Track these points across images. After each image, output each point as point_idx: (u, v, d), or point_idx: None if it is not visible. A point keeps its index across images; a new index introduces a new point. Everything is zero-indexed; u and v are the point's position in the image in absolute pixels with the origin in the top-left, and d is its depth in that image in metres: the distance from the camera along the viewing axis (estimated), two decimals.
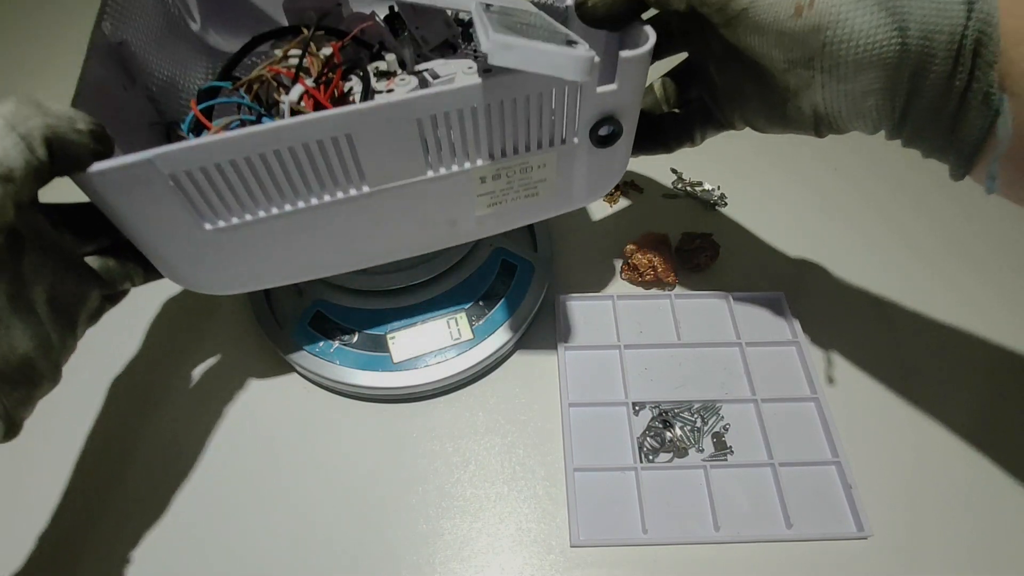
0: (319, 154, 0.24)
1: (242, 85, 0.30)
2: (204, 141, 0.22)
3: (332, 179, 0.25)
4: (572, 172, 0.29)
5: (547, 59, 0.19)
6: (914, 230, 0.47)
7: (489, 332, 0.38)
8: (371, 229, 0.28)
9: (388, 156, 0.25)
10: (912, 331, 0.41)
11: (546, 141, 0.27)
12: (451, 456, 0.36)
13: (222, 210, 0.24)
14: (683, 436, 0.36)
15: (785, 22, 0.24)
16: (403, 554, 0.33)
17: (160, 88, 0.33)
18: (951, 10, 0.22)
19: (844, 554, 0.33)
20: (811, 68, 0.25)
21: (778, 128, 0.30)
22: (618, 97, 0.25)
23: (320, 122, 0.23)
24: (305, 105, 0.28)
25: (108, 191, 0.23)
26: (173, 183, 0.23)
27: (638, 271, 0.42)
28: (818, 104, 0.27)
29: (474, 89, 0.23)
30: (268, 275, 0.30)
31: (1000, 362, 0.40)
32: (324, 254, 0.29)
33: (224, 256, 0.27)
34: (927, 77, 0.23)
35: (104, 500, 0.35)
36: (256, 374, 0.39)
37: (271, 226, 0.26)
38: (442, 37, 0.36)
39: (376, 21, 0.36)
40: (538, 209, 0.31)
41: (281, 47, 0.33)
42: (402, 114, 0.23)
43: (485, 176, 0.27)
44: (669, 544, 0.33)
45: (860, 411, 0.38)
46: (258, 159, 0.23)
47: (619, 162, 0.30)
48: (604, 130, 0.26)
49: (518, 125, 0.26)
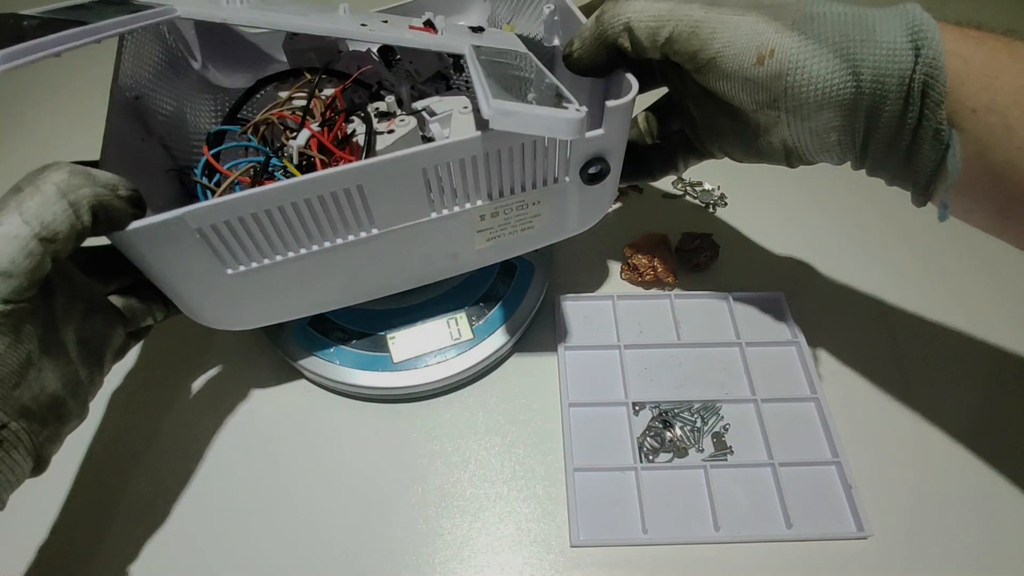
0: (333, 203, 0.26)
1: (249, 128, 0.32)
2: (229, 198, 0.24)
3: (344, 225, 0.27)
4: (564, 206, 0.31)
5: (543, 123, 0.21)
6: (914, 230, 0.47)
7: (489, 332, 0.38)
8: (379, 266, 0.31)
9: (395, 202, 0.27)
10: (912, 331, 0.41)
11: (540, 181, 0.29)
12: (451, 456, 0.36)
13: (243, 256, 0.27)
14: (683, 436, 0.36)
15: (749, 70, 0.26)
16: (403, 554, 0.33)
17: (170, 131, 0.35)
18: (900, 56, 0.24)
19: (844, 554, 0.32)
20: (776, 108, 0.27)
21: (753, 159, 0.32)
22: (605, 140, 0.27)
23: (335, 176, 0.25)
24: (311, 147, 0.30)
25: (142, 246, 0.25)
26: (200, 236, 0.25)
27: (638, 271, 0.42)
28: (786, 139, 0.29)
29: (474, 141, 0.26)
30: (283, 311, 0.32)
31: (1000, 362, 0.40)
32: (335, 290, 0.32)
33: (243, 296, 0.29)
34: (881, 116, 0.25)
35: (106, 501, 0.35)
36: (256, 374, 0.39)
37: (287, 268, 0.28)
38: (434, 69, 0.38)
39: (374, 61, 0.37)
40: (533, 240, 0.33)
41: (284, 88, 0.35)
42: (409, 166, 0.26)
43: (484, 214, 0.30)
44: (669, 544, 0.33)
45: (860, 411, 0.37)
46: (277, 211, 0.25)
47: (608, 195, 0.32)
48: (593, 169, 0.28)
49: (514, 169, 0.28)
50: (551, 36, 0.37)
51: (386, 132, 0.31)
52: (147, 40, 0.35)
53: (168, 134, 0.35)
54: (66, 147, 0.54)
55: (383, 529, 0.34)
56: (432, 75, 0.38)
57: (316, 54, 0.37)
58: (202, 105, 0.39)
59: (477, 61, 0.27)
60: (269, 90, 0.36)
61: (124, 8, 0.26)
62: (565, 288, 0.43)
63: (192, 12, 0.27)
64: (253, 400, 0.38)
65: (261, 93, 0.37)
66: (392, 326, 0.38)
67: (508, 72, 0.27)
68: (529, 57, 0.32)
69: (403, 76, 0.38)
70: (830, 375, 0.39)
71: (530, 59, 0.31)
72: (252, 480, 0.35)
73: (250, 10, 0.29)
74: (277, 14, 0.29)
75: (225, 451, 0.36)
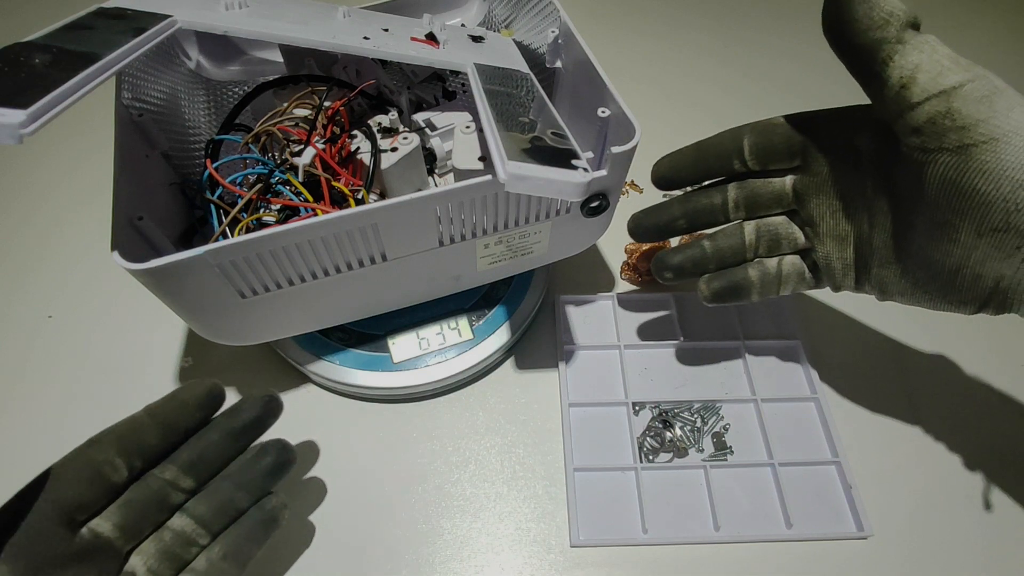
0: (347, 239, 0.27)
1: (250, 139, 0.33)
2: (249, 238, 0.25)
3: (355, 257, 0.29)
4: (564, 234, 0.33)
5: (555, 187, 0.23)
6: None
7: (489, 332, 0.38)
8: (386, 288, 0.32)
9: (407, 236, 0.29)
10: (911, 330, 0.41)
11: (543, 215, 0.31)
12: (451, 456, 0.36)
13: (258, 286, 0.28)
14: (683, 436, 0.36)
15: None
16: (403, 553, 0.33)
17: (171, 138, 0.35)
18: None
19: (844, 554, 0.32)
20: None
21: (927, 294, 0.27)
22: (607, 181, 0.29)
23: (351, 217, 0.26)
24: (316, 165, 0.31)
25: (161, 280, 0.26)
26: (219, 270, 0.26)
27: (638, 271, 0.42)
28: (1011, 277, 0.23)
29: (487, 184, 0.27)
30: (290, 328, 0.33)
31: (1000, 361, 0.40)
32: (342, 309, 0.33)
33: (255, 317, 0.30)
34: None
35: None
36: (256, 374, 0.39)
37: (298, 294, 0.29)
38: (430, 71, 0.39)
39: (372, 65, 0.38)
40: (532, 262, 0.35)
41: (282, 94, 0.36)
42: (423, 206, 0.27)
43: (489, 243, 0.31)
44: (669, 544, 0.33)
45: (860, 411, 0.37)
46: (293, 247, 0.26)
47: (604, 224, 0.34)
48: (594, 204, 0.30)
49: (520, 207, 0.30)
50: (554, 59, 0.37)
51: (390, 150, 0.32)
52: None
53: (170, 146, 0.35)
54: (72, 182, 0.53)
55: (383, 529, 0.34)
56: (428, 76, 0.38)
57: (314, 58, 0.38)
58: (197, 99, 0.39)
59: (482, 92, 0.28)
60: (266, 94, 0.36)
61: (123, 23, 0.26)
62: (565, 288, 0.43)
63: (193, 22, 0.27)
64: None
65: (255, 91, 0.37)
66: (393, 327, 0.38)
67: (513, 109, 0.28)
68: (531, 81, 0.32)
69: (399, 77, 0.38)
70: (830, 375, 0.39)
71: (533, 84, 0.32)
72: None
73: (252, 19, 0.29)
74: (279, 24, 0.29)
75: None
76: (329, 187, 0.31)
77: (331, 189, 0.31)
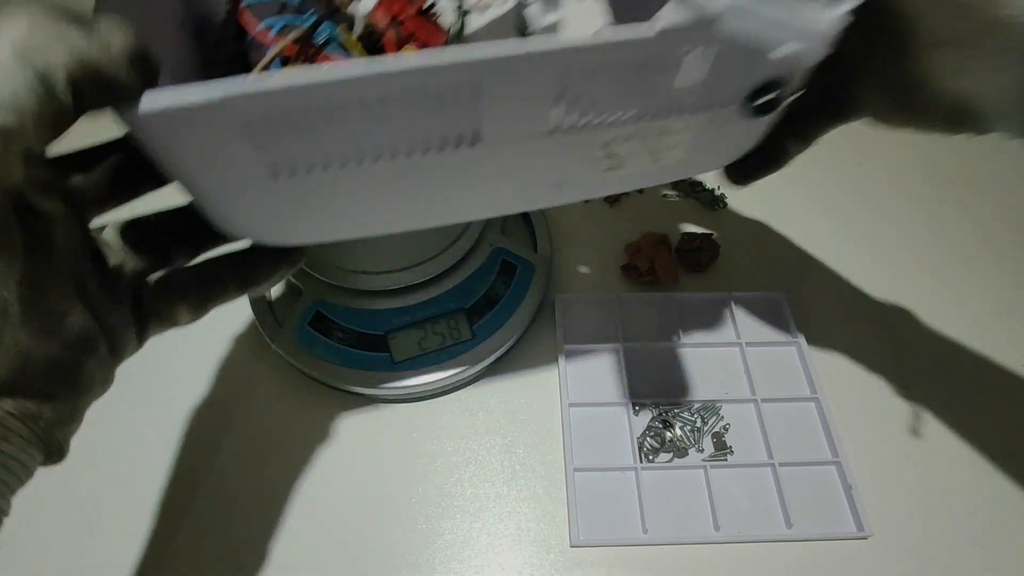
0: (433, 103, 0.19)
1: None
2: (294, 82, 0.17)
3: (439, 134, 0.20)
4: (708, 139, 0.24)
5: (789, 31, 0.15)
6: (914, 231, 0.47)
7: (489, 332, 0.38)
8: (466, 188, 0.24)
9: (511, 112, 0.20)
10: (911, 330, 0.41)
11: (701, 106, 0.22)
12: (451, 456, 0.36)
13: (300, 161, 0.19)
14: (683, 436, 0.36)
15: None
16: (403, 553, 0.33)
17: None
18: None
19: (844, 554, 0.33)
20: (979, 46, 0.20)
21: (902, 118, 0.26)
22: (796, 61, 0.20)
23: (453, 67, 0.18)
24: (377, 16, 0.24)
25: (155, 134, 0.18)
26: (247, 130, 0.18)
27: (638, 271, 0.42)
28: (970, 90, 0.22)
29: (646, 43, 0.19)
30: (333, 228, 0.25)
31: (1000, 361, 0.40)
32: (404, 213, 0.25)
33: (288, 208, 0.22)
34: None
35: (105, 501, 0.35)
36: (256, 374, 0.39)
37: (350, 180, 0.21)
38: None
39: None
40: (659, 175, 0.26)
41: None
42: (549, 65, 0.19)
43: (616, 138, 0.23)
44: (669, 544, 0.33)
45: (860, 411, 0.37)
46: (357, 104, 0.18)
47: (757, 133, 0.26)
48: (768, 96, 0.21)
49: (673, 91, 0.21)
50: None
51: (479, 8, 0.24)
52: None
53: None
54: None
55: (383, 529, 0.34)
56: None
57: None
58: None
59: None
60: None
61: None
62: (565, 288, 0.43)
63: None
64: (253, 400, 0.38)
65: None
66: (392, 326, 0.38)
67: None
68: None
69: None
70: (830, 375, 0.39)
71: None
72: (252, 480, 0.35)
73: None
74: None
75: (224, 451, 0.36)
76: (397, 47, 0.23)
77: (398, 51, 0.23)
